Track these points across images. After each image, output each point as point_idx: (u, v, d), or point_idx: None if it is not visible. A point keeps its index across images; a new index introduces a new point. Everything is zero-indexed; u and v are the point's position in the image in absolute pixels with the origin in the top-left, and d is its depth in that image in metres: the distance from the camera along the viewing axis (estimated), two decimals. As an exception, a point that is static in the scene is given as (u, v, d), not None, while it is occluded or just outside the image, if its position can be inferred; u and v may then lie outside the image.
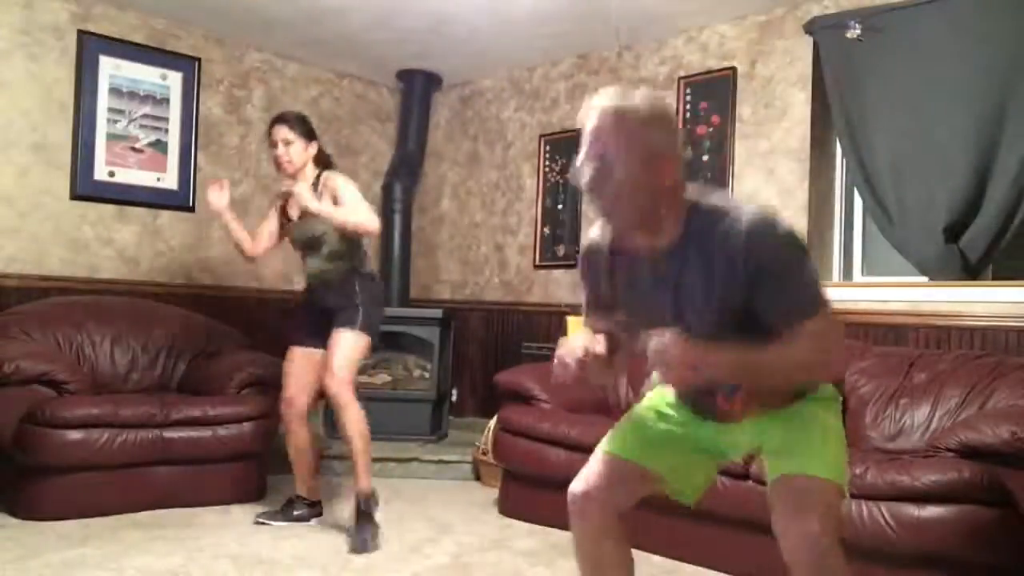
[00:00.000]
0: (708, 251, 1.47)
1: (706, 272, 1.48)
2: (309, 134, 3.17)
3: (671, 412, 1.72)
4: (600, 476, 1.67)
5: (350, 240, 3.11)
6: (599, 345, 1.62)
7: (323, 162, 3.21)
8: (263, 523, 3.16)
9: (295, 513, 3.21)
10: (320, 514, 3.26)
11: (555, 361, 1.55)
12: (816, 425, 1.57)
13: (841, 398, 1.63)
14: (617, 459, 1.68)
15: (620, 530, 1.71)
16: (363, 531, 2.96)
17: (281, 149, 3.10)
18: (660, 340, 1.38)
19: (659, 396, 1.77)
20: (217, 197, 3.18)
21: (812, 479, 1.47)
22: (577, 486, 1.69)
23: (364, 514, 3.01)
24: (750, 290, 1.44)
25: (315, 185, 3.11)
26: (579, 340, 1.56)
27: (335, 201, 3.01)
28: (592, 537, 1.70)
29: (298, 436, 3.19)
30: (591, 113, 1.49)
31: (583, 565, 1.75)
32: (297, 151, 3.11)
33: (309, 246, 3.15)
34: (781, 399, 1.59)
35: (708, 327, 1.49)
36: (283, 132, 3.11)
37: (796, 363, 1.44)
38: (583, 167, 1.49)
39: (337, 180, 3.10)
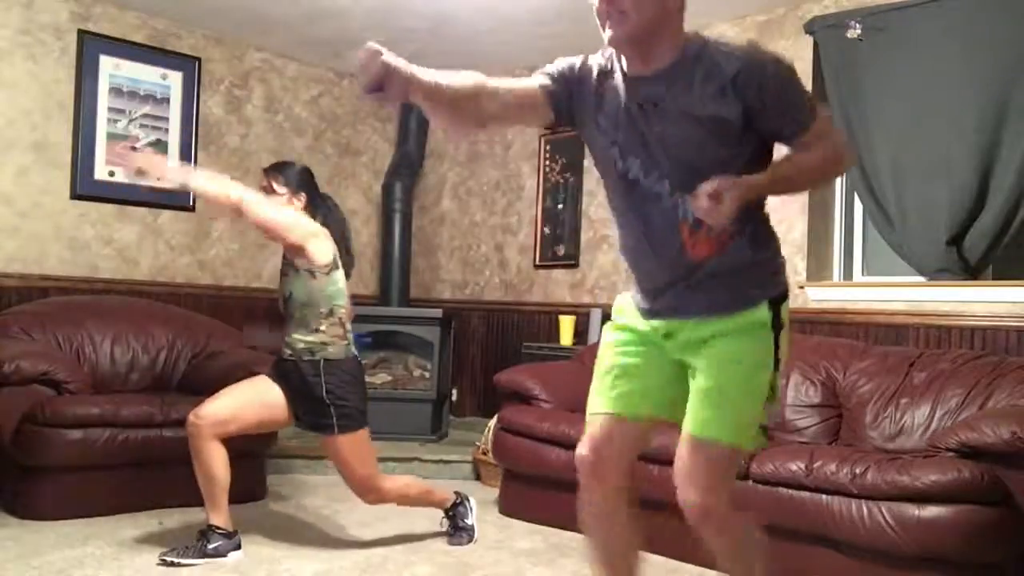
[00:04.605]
0: (698, 77, 1.55)
1: (693, 97, 1.54)
2: (299, 186, 2.84)
3: (631, 339, 1.74)
4: (606, 435, 1.71)
5: (316, 305, 2.74)
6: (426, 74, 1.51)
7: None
8: (172, 563, 2.65)
9: (210, 547, 2.71)
10: (239, 546, 2.77)
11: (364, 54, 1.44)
12: (745, 380, 1.62)
13: (783, 321, 1.65)
14: (616, 417, 1.71)
15: (628, 507, 1.75)
16: (458, 534, 3.05)
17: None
18: (709, 184, 1.45)
19: (617, 325, 1.79)
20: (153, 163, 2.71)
21: (717, 446, 1.60)
22: (584, 450, 1.72)
23: (452, 519, 3.07)
24: (737, 116, 1.53)
25: None
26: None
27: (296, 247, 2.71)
28: (607, 504, 1.73)
29: (209, 458, 2.70)
30: None
31: (594, 540, 1.78)
32: (278, 203, 2.78)
33: (285, 308, 2.84)
34: (740, 254, 1.61)
35: (686, 149, 1.56)
36: (268, 180, 2.83)
37: (821, 161, 1.58)
38: None
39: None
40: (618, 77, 1.65)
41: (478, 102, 1.61)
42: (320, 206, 2.92)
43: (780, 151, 1.65)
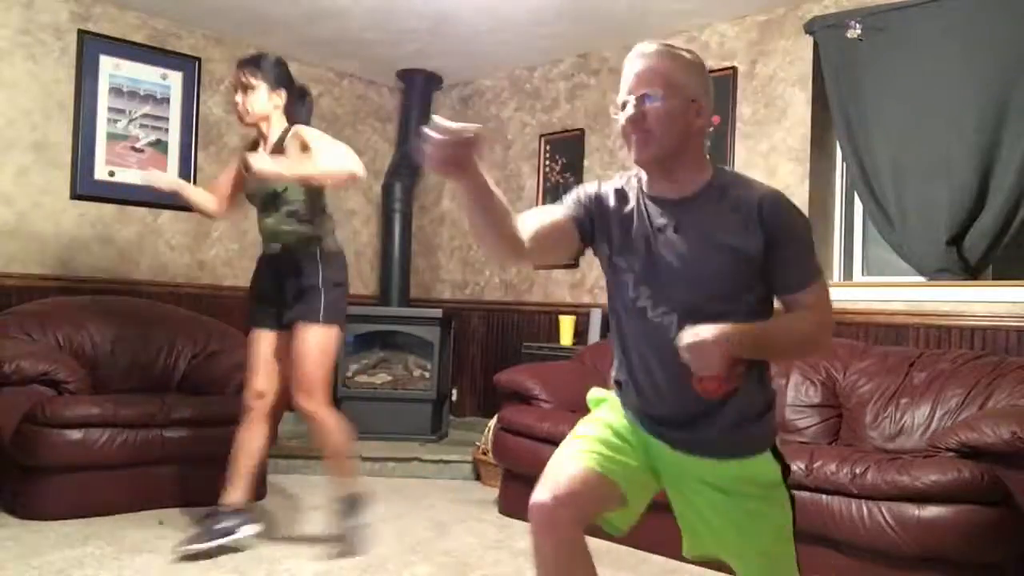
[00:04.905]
0: (724, 206, 1.55)
1: (717, 225, 1.54)
2: (278, 80, 2.76)
3: (624, 435, 1.66)
4: (570, 484, 1.54)
5: (314, 201, 2.79)
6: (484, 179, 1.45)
7: (294, 116, 2.83)
8: (190, 550, 2.66)
9: (219, 527, 2.71)
10: (250, 522, 2.80)
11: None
12: (771, 532, 1.66)
13: (786, 469, 1.64)
14: (588, 471, 1.57)
15: (586, 548, 1.59)
16: (351, 534, 2.88)
17: (239, 96, 2.72)
18: (693, 333, 1.42)
19: (610, 418, 1.70)
20: (163, 178, 2.91)
21: None
22: (543, 496, 1.54)
23: (347, 516, 2.90)
24: (758, 250, 1.52)
25: (280, 141, 2.76)
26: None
27: (304, 150, 2.66)
28: (563, 554, 1.56)
29: (256, 435, 2.80)
30: (638, 55, 1.58)
31: None
32: (258, 99, 2.71)
33: (267, 204, 2.78)
34: (750, 404, 1.58)
35: (701, 280, 1.54)
36: (245, 76, 2.72)
37: (813, 328, 1.54)
38: (626, 101, 1.58)
39: (307, 133, 2.70)
40: (638, 201, 1.63)
41: (530, 248, 1.57)
42: (302, 105, 2.91)
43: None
